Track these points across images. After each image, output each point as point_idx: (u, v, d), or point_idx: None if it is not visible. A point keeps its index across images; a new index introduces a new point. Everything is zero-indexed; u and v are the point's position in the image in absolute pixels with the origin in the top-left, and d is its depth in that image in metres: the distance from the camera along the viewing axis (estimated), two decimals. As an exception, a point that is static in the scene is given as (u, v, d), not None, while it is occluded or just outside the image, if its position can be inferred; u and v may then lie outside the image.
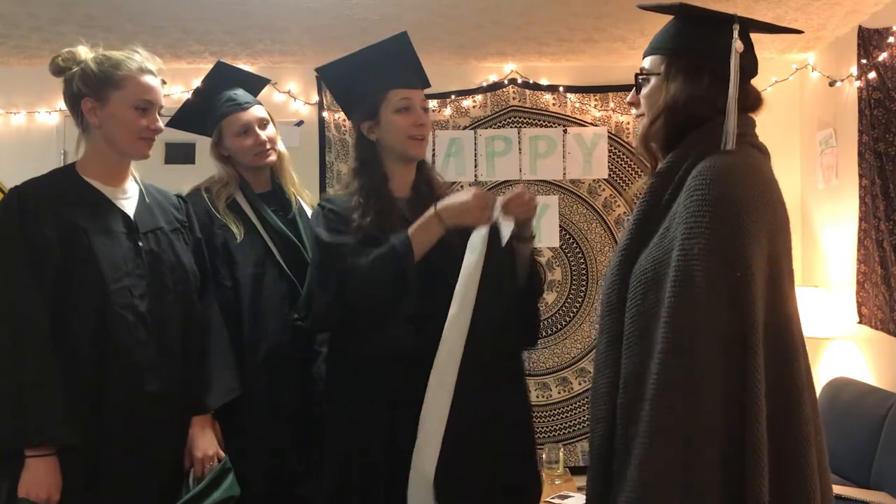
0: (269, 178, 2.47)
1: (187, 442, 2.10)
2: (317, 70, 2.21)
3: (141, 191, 2.15)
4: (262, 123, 2.41)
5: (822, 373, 4.36)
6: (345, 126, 4.97)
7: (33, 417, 1.85)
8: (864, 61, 3.89)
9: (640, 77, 1.75)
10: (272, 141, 2.42)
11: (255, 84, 2.51)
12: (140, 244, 2.04)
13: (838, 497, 3.07)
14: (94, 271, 1.95)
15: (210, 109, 2.42)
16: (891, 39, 3.67)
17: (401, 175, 2.13)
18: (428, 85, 2.24)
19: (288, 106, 4.98)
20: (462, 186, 4.86)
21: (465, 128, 4.94)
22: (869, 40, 3.87)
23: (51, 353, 1.89)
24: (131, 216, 2.07)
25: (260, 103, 2.46)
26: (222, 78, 2.46)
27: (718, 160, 1.54)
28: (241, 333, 2.28)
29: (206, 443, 2.10)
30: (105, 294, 1.95)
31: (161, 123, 2.08)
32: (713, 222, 1.45)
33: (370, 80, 2.11)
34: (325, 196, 2.19)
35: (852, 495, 3.10)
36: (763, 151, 1.68)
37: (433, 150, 4.88)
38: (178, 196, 2.27)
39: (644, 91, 1.73)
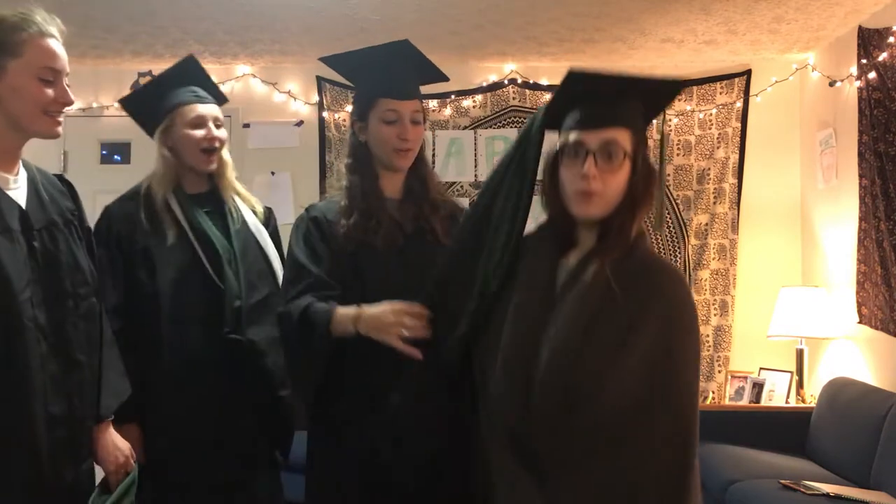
0: (205, 180, 2.38)
1: (95, 452, 1.90)
2: (321, 59, 2.14)
3: (30, 177, 1.82)
4: (217, 122, 2.35)
5: (822, 373, 4.36)
6: (344, 126, 4.97)
7: None
8: (864, 61, 3.89)
9: (621, 152, 1.57)
10: (222, 142, 2.35)
11: (217, 95, 2.45)
12: (35, 244, 1.74)
13: (838, 497, 3.08)
14: (1, 279, 1.66)
15: (168, 96, 2.34)
16: (891, 39, 3.67)
17: (391, 176, 2.08)
18: (434, 81, 2.16)
19: (288, 106, 4.98)
20: (462, 186, 4.86)
21: (465, 128, 4.93)
22: (869, 40, 3.87)
23: None
24: (24, 209, 1.76)
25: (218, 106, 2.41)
26: (190, 72, 2.38)
27: (668, 263, 1.71)
28: (161, 341, 2.22)
29: (111, 452, 1.93)
30: (13, 307, 1.67)
31: (71, 94, 1.79)
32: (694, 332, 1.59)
33: (364, 83, 2.08)
34: (310, 204, 2.10)
35: (852, 495, 3.10)
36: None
37: (433, 150, 4.88)
38: (60, 177, 1.96)
39: (616, 168, 1.57)
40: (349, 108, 4.96)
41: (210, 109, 2.35)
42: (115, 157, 5.19)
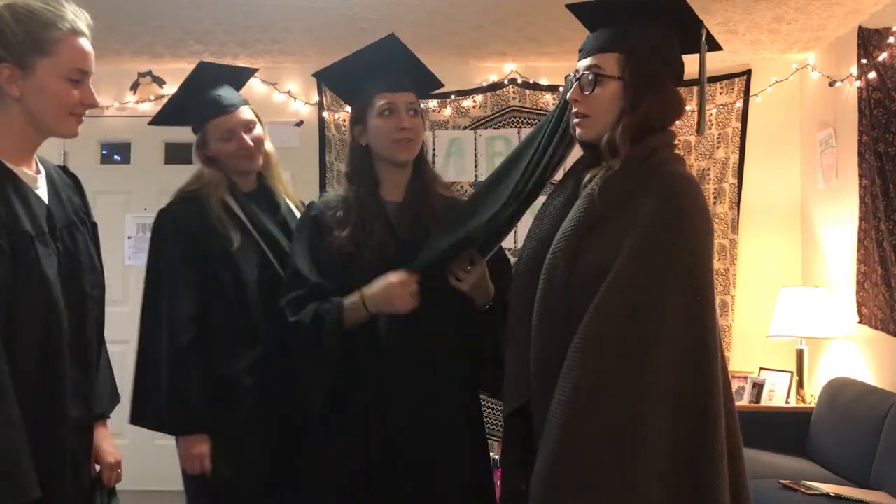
0: (255, 177, 2.37)
1: (93, 450, 1.86)
2: (314, 75, 2.23)
3: (48, 175, 1.74)
4: (248, 127, 2.31)
5: (822, 373, 4.36)
6: (344, 126, 4.97)
7: (23, 472, 1.52)
8: (864, 61, 3.89)
9: (594, 76, 1.70)
10: (258, 143, 2.32)
11: (240, 77, 2.40)
12: (58, 245, 1.67)
13: (838, 497, 3.08)
14: (43, 286, 1.60)
15: (192, 111, 2.32)
16: (891, 39, 3.68)
17: (393, 179, 2.10)
18: (432, 87, 2.22)
19: (288, 106, 4.98)
20: (462, 187, 4.86)
21: (465, 128, 4.93)
22: (869, 40, 3.87)
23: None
24: (49, 208, 1.69)
25: (246, 102, 2.36)
26: (205, 78, 2.32)
27: (682, 170, 1.69)
28: (255, 342, 2.21)
29: (114, 448, 1.92)
30: (55, 313, 1.62)
31: (97, 96, 1.72)
32: (691, 234, 1.61)
33: (358, 85, 2.12)
34: (320, 198, 2.17)
35: (852, 495, 3.10)
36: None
37: (433, 150, 4.88)
38: (65, 169, 1.87)
39: (598, 92, 1.70)
40: (349, 108, 4.97)
41: (237, 117, 2.29)
42: (115, 157, 5.20)
